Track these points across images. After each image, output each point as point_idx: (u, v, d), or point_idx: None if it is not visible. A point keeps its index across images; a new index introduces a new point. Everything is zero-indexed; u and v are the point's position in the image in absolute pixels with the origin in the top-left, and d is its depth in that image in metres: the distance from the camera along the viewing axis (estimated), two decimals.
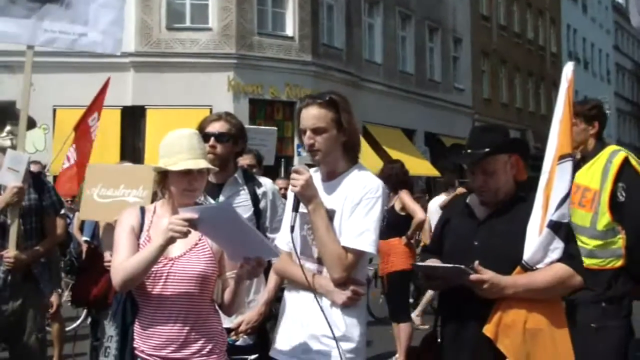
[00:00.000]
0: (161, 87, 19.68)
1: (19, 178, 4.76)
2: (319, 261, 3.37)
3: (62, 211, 8.35)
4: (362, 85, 24.58)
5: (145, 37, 20.37)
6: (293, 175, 3.33)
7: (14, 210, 4.79)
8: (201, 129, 4.23)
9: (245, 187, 4.35)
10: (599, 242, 4.59)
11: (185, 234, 2.92)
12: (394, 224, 7.94)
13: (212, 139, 4.21)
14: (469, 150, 3.43)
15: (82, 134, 8.65)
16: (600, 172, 4.64)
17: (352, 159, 3.48)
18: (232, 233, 2.98)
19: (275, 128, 10.19)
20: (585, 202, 4.64)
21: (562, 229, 3.22)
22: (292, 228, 3.35)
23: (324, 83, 21.87)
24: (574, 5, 48.41)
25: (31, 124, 5.43)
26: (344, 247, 3.26)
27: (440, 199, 11.11)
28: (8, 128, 5.06)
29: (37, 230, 5.08)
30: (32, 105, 17.16)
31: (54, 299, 6.06)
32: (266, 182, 4.50)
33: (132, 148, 19.78)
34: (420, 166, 24.43)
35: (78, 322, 9.47)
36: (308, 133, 3.40)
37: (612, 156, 4.66)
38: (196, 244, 3.20)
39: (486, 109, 33.81)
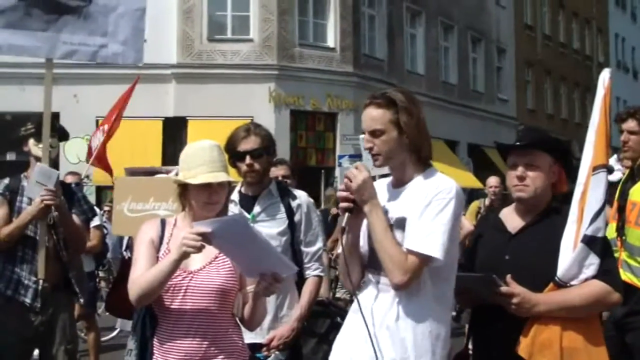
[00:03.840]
0: (202, 99, 19.79)
1: (39, 192, 4.72)
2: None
3: (97, 222, 8.43)
4: None
5: (186, 48, 20.53)
6: (350, 172, 3.04)
7: (42, 223, 4.78)
8: (232, 146, 4.14)
9: (280, 200, 4.27)
10: None
11: (199, 249, 2.87)
12: None
13: (248, 157, 4.11)
14: (517, 143, 3.34)
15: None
16: None
17: (422, 163, 3.15)
18: (247, 247, 2.91)
19: None
20: None
21: (597, 244, 3.08)
22: (344, 229, 3.09)
23: (366, 94, 21.47)
24: (623, 13, 47.62)
25: (64, 135, 5.41)
26: (407, 250, 2.93)
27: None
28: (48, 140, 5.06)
29: None
30: (74, 116, 17.64)
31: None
32: (301, 195, 4.39)
33: (173, 159, 19.89)
34: (463, 178, 24.15)
35: (115, 332, 9.51)
36: (366, 136, 3.14)
37: None
38: (216, 257, 3.14)
39: (531, 119, 33.36)
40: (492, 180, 9.38)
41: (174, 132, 20.22)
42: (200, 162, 3.09)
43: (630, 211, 4.44)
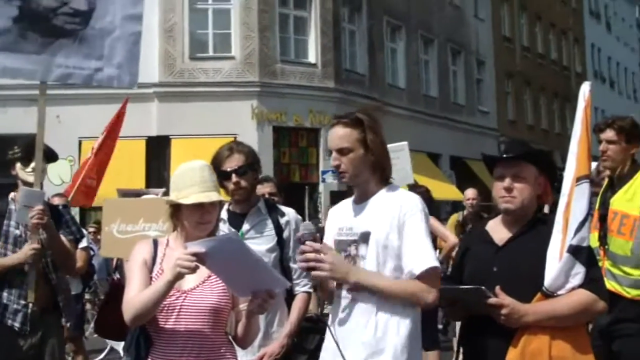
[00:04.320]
0: (185, 117, 19.77)
1: (27, 216, 4.69)
2: (355, 288, 3.20)
3: (84, 243, 8.39)
4: (386, 109, 24.51)
5: (168, 67, 20.53)
6: (316, 261, 3.11)
7: (30, 267, 4.75)
8: (217, 166, 4.16)
9: (268, 217, 4.31)
10: None
11: (193, 270, 2.89)
12: None
13: (234, 175, 4.15)
14: (504, 155, 3.39)
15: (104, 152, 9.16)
16: (639, 196, 4.44)
17: (383, 180, 3.33)
18: (241, 265, 2.94)
19: (406, 142, 8.84)
20: (625, 229, 4.42)
21: (582, 253, 3.14)
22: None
23: (348, 109, 21.26)
24: (598, 23, 48.14)
25: (53, 157, 5.40)
26: (418, 275, 3.11)
27: None
28: (34, 164, 5.04)
29: None
30: (57, 137, 17.49)
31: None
32: (289, 212, 4.44)
33: (157, 178, 19.86)
34: (446, 190, 24.25)
35: (103, 354, 9.47)
36: (334, 154, 3.29)
37: None
38: (209, 276, 3.16)
39: (512, 130, 33.58)
40: (469, 193, 9.47)
41: (158, 151, 20.19)
42: (192, 183, 3.12)
43: (611, 220, 4.50)
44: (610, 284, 4.30)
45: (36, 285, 4.79)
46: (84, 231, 8.90)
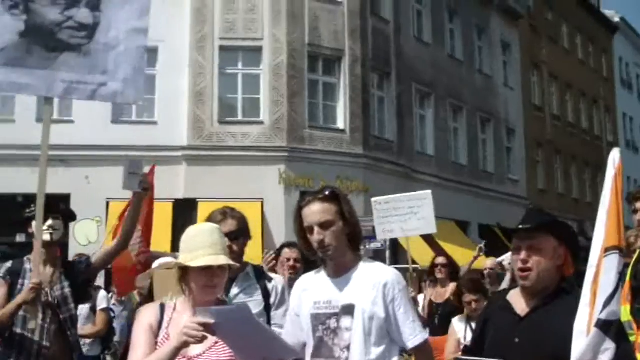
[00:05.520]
0: (213, 180, 19.84)
1: (137, 182, 4.79)
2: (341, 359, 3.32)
3: (104, 304, 8.28)
4: (414, 177, 24.46)
5: (197, 130, 20.71)
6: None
7: (33, 308, 4.70)
8: None
9: (256, 282, 4.41)
10: None
11: (200, 340, 2.79)
12: (449, 317, 7.38)
13: (226, 239, 4.15)
14: (520, 226, 3.28)
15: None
16: None
17: (356, 250, 3.50)
18: (250, 336, 2.83)
19: (429, 191, 8.79)
20: None
21: (612, 329, 2.96)
22: None
23: (376, 175, 21.80)
24: (630, 93, 48.00)
25: (70, 217, 5.37)
26: (415, 347, 3.40)
27: None
28: (50, 222, 5.00)
29: (76, 317, 5.10)
30: (85, 198, 17.61)
31: None
32: (276, 277, 4.63)
33: None
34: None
35: None
36: (316, 229, 3.37)
37: None
38: (216, 342, 3.04)
39: (541, 199, 33.24)
40: (487, 263, 9.80)
41: (185, 214, 20.19)
42: (201, 245, 3.06)
43: None
44: None
45: (51, 346, 4.73)
46: (103, 292, 8.84)
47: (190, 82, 20.76)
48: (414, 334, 3.37)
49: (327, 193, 3.47)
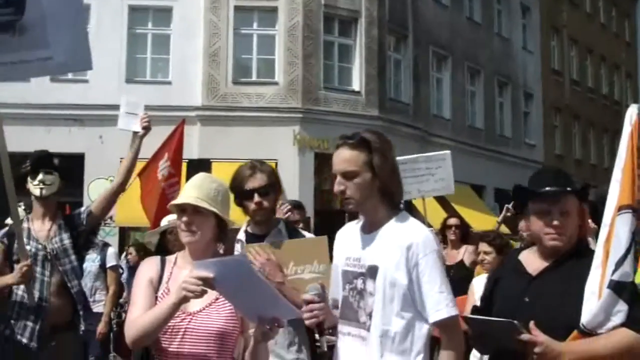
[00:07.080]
0: (227, 141, 19.77)
1: (137, 122, 4.78)
2: (365, 326, 2.98)
3: (113, 261, 8.28)
4: (430, 140, 24.28)
5: (212, 91, 20.59)
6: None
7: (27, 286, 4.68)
8: (238, 185, 4.02)
9: (288, 239, 4.13)
10: None
11: (200, 294, 2.70)
12: (461, 280, 7.06)
13: (256, 195, 4.00)
14: (547, 188, 3.10)
15: (148, 178, 7.87)
16: None
17: (392, 207, 3.06)
18: (249, 290, 2.74)
19: (449, 152, 8.81)
20: None
21: (625, 290, 2.86)
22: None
23: (391, 138, 20.87)
24: None
25: (51, 163, 5.18)
26: (436, 322, 2.92)
27: None
28: (40, 177, 4.93)
29: (79, 269, 5.06)
30: (99, 157, 17.54)
31: None
32: (307, 235, 4.35)
33: None
34: (489, 223, 23.78)
35: None
36: (338, 178, 3.04)
37: None
38: (217, 299, 2.98)
39: (559, 165, 32.96)
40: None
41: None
42: (186, 189, 3.05)
43: None
44: None
45: (51, 299, 4.71)
46: (112, 249, 8.83)
47: (204, 42, 20.59)
48: (437, 307, 2.89)
49: (357, 139, 3.04)
